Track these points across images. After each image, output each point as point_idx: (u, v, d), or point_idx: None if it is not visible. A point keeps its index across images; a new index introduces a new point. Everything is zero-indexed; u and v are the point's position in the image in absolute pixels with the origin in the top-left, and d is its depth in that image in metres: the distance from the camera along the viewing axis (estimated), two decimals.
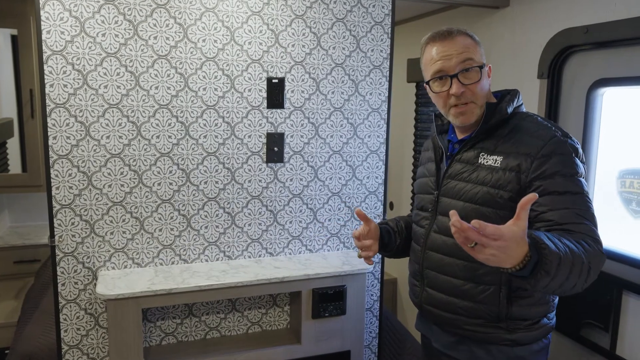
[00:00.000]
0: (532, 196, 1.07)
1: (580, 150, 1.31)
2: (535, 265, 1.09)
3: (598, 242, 1.20)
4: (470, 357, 1.40)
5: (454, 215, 1.06)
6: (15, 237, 3.26)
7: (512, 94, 1.40)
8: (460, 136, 1.44)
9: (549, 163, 1.25)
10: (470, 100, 1.36)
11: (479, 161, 1.35)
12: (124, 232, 1.85)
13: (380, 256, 2.21)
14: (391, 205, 3.49)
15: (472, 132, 1.39)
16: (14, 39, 3.01)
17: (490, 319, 1.34)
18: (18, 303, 2.83)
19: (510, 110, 1.36)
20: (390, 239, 1.58)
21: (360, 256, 1.48)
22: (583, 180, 1.28)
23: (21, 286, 3.05)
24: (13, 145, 3.09)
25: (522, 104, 1.42)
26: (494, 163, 1.32)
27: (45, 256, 3.14)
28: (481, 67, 1.35)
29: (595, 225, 1.23)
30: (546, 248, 1.09)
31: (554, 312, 1.42)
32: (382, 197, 2.17)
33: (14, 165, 3.13)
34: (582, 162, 1.30)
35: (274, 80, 1.94)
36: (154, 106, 1.82)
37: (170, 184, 1.88)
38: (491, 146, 1.35)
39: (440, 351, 1.48)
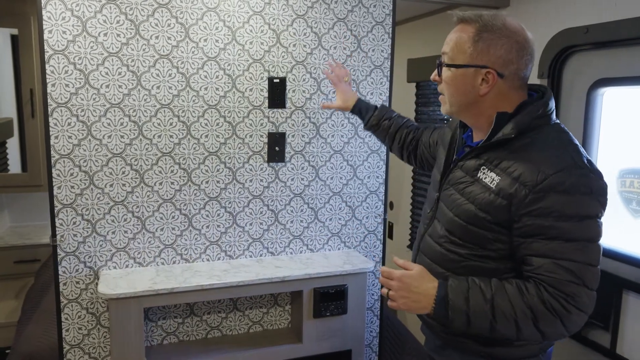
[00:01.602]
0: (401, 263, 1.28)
1: (602, 187, 1.14)
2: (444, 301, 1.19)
3: (573, 300, 1.10)
4: None
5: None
6: (16, 237, 3.26)
7: (537, 104, 1.22)
8: (475, 138, 1.33)
9: (545, 200, 1.11)
10: (442, 91, 1.30)
11: (478, 175, 1.24)
12: (125, 232, 1.86)
13: (381, 255, 2.22)
14: (391, 205, 3.50)
15: (481, 139, 1.27)
16: (13, 38, 3.02)
17: (448, 325, 1.26)
18: (18, 303, 2.83)
19: (519, 127, 1.19)
20: (360, 116, 1.78)
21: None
22: (590, 222, 1.12)
23: (21, 286, 3.05)
24: (12, 145, 3.10)
25: (551, 114, 1.23)
26: (490, 182, 1.20)
27: (45, 256, 3.14)
28: (453, 65, 1.23)
29: (583, 278, 1.11)
30: (449, 281, 1.22)
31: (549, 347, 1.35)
32: (383, 196, 2.17)
33: (14, 165, 3.13)
34: (599, 201, 1.13)
35: (275, 80, 1.95)
36: (155, 106, 1.82)
37: (172, 183, 1.88)
38: (495, 160, 1.22)
39: (428, 354, 1.48)
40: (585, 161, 1.16)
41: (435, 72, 1.30)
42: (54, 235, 1.78)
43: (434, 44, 2.86)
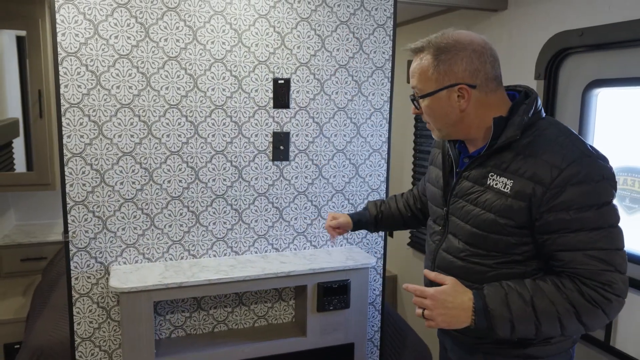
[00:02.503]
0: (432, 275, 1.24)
1: (611, 171, 1.17)
2: (485, 312, 1.16)
3: (610, 287, 1.12)
4: None
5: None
6: (22, 235, 3.31)
7: (528, 102, 1.23)
8: (470, 149, 1.33)
9: (564, 194, 1.12)
10: (427, 121, 1.33)
11: (488, 182, 1.23)
12: (135, 228, 1.91)
13: (382, 252, 2.28)
14: None
15: (481, 147, 1.28)
16: (19, 40, 3.07)
17: (492, 336, 1.24)
18: (26, 299, 2.89)
19: (524, 121, 1.21)
20: (364, 226, 1.73)
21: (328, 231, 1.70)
22: (608, 208, 1.14)
23: (28, 283, 3.10)
24: (18, 145, 3.14)
25: (540, 109, 1.26)
26: (503, 187, 1.19)
27: (52, 254, 3.20)
28: (426, 95, 1.26)
29: (614, 264, 1.12)
30: (484, 290, 1.18)
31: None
32: (385, 194, 2.23)
33: (19, 164, 3.18)
34: (611, 185, 1.16)
35: (280, 81, 2.01)
36: (164, 106, 1.88)
37: (180, 181, 1.94)
38: (502, 164, 1.22)
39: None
40: (590, 148, 1.18)
41: (413, 106, 1.34)
42: (66, 231, 1.83)
43: None
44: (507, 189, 1.19)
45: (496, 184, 1.21)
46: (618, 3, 1.84)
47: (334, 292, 2.01)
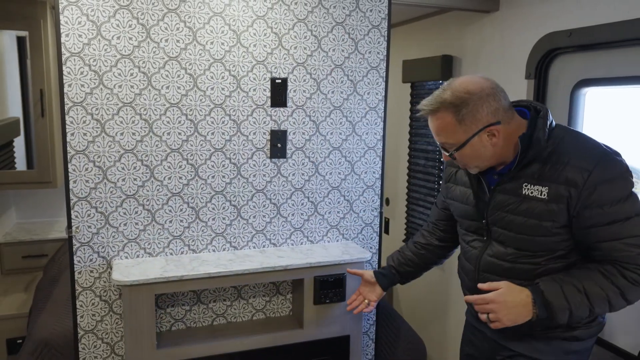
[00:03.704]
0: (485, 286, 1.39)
1: (625, 164, 1.33)
2: (545, 305, 1.32)
3: None
4: (530, 349, 1.49)
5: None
6: (23, 233, 3.36)
7: (542, 116, 1.38)
8: (497, 167, 1.46)
9: (596, 192, 1.28)
10: (463, 164, 1.45)
11: (524, 192, 1.38)
12: (136, 224, 1.97)
13: (377, 247, 2.34)
14: (387, 201, 3.62)
15: (510, 163, 1.42)
16: (19, 40, 3.11)
17: (550, 324, 1.42)
18: (28, 296, 2.94)
19: (546, 135, 1.36)
20: (391, 282, 1.90)
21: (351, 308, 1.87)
22: (632, 198, 1.30)
23: (30, 280, 3.15)
24: (18, 144, 3.19)
25: (552, 120, 1.42)
26: (540, 195, 1.35)
27: (53, 251, 3.25)
28: (461, 146, 1.38)
29: None
30: (540, 286, 1.34)
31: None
32: (379, 190, 2.29)
33: (19, 163, 3.23)
34: (630, 176, 1.32)
35: (277, 81, 2.06)
36: (165, 105, 1.93)
37: (180, 178, 2.00)
38: (533, 174, 1.37)
39: (497, 342, 1.56)
40: (604, 146, 1.35)
41: (444, 154, 1.46)
42: (69, 226, 1.89)
43: (428, 46, 2.99)
44: (544, 195, 1.34)
45: (532, 193, 1.36)
46: (604, 5, 1.90)
47: (330, 285, 2.07)
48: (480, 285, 1.43)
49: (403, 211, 3.41)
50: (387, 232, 3.62)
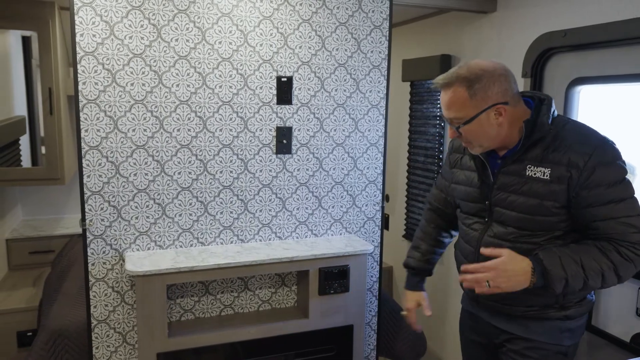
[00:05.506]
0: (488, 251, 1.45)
1: (619, 151, 1.42)
2: (543, 273, 1.39)
3: (638, 244, 1.37)
4: (525, 331, 1.57)
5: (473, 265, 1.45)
6: (29, 229, 3.42)
7: (547, 103, 1.48)
8: (501, 151, 1.54)
9: (594, 174, 1.37)
10: (468, 141, 1.52)
11: (527, 173, 1.46)
12: (147, 217, 2.04)
13: (379, 241, 2.41)
14: (387, 198, 3.69)
15: (513, 147, 1.50)
16: (24, 40, 3.17)
17: (545, 304, 1.52)
18: (36, 289, 3.00)
19: (550, 121, 1.46)
20: (423, 280, 1.94)
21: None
22: (626, 182, 1.39)
23: (37, 275, 3.21)
24: (23, 142, 3.25)
25: (555, 109, 1.51)
26: (543, 175, 1.43)
27: (59, 247, 3.31)
28: (469, 121, 1.44)
29: (639, 227, 1.37)
30: (539, 256, 1.40)
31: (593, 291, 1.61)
32: (381, 185, 2.37)
33: (25, 160, 3.28)
34: (623, 162, 1.41)
35: (283, 79, 2.13)
36: (175, 102, 2.00)
37: (190, 173, 2.07)
38: (537, 156, 1.45)
39: (495, 326, 1.64)
40: (602, 134, 1.44)
41: (450, 130, 1.53)
42: (83, 219, 1.95)
43: (427, 46, 3.06)
44: (547, 176, 1.42)
45: (535, 174, 1.44)
46: (597, 7, 1.98)
47: (334, 276, 2.14)
48: (482, 250, 1.49)
49: (402, 207, 3.49)
50: (386, 227, 3.70)
